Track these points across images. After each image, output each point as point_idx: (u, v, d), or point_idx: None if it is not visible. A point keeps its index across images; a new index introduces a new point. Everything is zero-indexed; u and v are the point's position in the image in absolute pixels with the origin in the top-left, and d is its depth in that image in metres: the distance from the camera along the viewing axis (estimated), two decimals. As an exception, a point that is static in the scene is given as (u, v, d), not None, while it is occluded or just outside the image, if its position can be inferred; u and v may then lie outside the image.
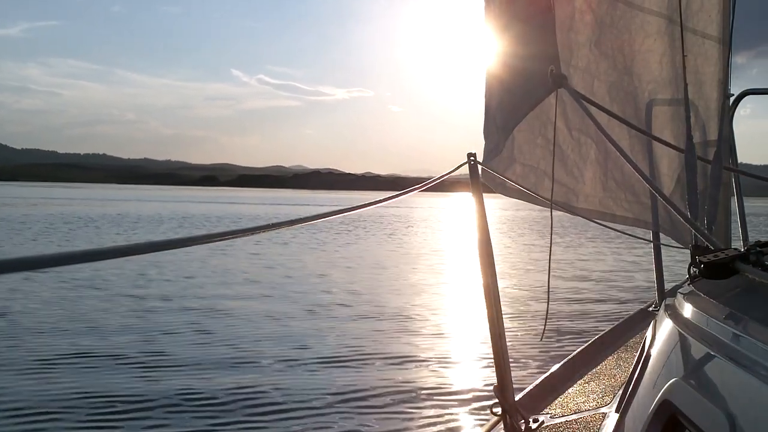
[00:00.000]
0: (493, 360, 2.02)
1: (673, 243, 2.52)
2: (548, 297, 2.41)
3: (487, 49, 2.20)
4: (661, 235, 2.55)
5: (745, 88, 2.82)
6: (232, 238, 1.02)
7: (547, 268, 2.38)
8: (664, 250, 2.69)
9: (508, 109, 2.15)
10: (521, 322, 9.31)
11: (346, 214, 1.37)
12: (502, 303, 2.06)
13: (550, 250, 2.46)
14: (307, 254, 18.42)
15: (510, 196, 2.39)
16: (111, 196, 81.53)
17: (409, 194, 1.82)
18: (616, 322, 3.21)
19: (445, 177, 2.03)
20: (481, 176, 2.08)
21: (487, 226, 2.00)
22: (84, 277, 12.22)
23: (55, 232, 23.41)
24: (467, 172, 2.04)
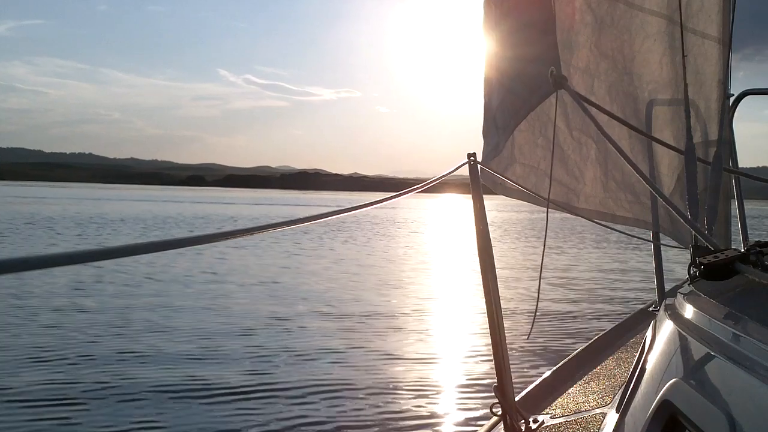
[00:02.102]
0: (492, 360, 2.02)
1: (673, 243, 2.52)
2: (538, 296, 2.42)
3: (486, 50, 2.19)
4: (661, 235, 2.55)
5: (745, 89, 2.82)
6: (232, 238, 1.02)
7: (540, 266, 2.39)
8: (664, 250, 2.69)
9: (509, 110, 2.15)
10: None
11: (345, 214, 1.37)
12: (502, 303, 2.06)
13: (543, 249, 2.47)
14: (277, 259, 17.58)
15: (510, 197, 2.39)
16: (88, 196, 79.91)
17: (401, 196, 1.81)
18: (616, 322, 3.22)
19: (446, 177, 2.03)
20: (481, 176, 2.08)
21: (487, 226, 2.00)
22: (14, 284, 11.08)
23: (10, 234, 21.95)
24: (462, 172, 2.03)
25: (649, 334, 1.40)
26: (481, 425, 2.08)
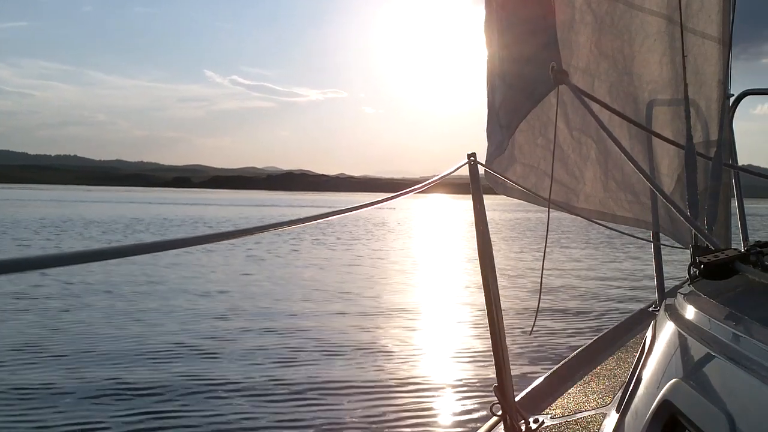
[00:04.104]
0: (492, 360, 2.01)
1: (673, 243, 2.52)
2: (540, 292, 2.41)
3: (487, 49, 2.20)
4: (661, 235, 2.55)
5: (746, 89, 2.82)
6: (232, 238, 1.02)
7: (541, 265, 2.40)
8: (664, 250, 2.69)
9: (511, 108, 2.15)
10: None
11: (346, 214, 1.37)
12: (502, 303, 2.06)
13: (545, 248, 2.47)
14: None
15: (511, 197, 2.39)
16: (68, 198, 78.40)
17: (401, 196, 1.80)
18: (616, 322, 3.22)
19: (446, 177, 2.03)
20: (482, 176, 2.08)
21: (487, 226, 2.00)
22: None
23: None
24: (460, 172, 2.03)
25: (649, 334, 1.40)
26: (481, 425, 2.08)
